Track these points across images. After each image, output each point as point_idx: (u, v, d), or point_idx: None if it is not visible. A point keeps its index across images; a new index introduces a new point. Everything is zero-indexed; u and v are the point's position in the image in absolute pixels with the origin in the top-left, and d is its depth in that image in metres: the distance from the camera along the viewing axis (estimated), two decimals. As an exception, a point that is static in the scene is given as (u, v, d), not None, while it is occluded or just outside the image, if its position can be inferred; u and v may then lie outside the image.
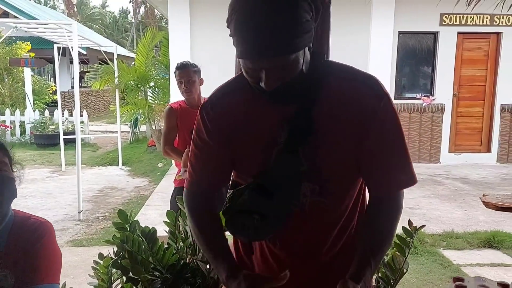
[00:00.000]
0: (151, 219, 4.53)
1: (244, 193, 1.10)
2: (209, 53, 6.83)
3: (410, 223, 1.90)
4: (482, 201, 2.64)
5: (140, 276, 1.48)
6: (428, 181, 6.48)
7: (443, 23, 7.46)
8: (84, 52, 12.72)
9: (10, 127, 10.48)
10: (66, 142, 7.93)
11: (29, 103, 10.95)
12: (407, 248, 1.82)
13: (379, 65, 7.14)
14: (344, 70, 1.10)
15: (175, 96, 6.49)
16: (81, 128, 7.18)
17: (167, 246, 1.66)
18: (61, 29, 6.92)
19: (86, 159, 8.29)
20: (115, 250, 1.65)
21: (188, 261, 1.63)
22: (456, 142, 7.83)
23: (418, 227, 1.87)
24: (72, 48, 5.68)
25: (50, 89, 13.22)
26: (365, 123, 1.05)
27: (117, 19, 41.13)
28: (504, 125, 7.75)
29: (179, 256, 1.63)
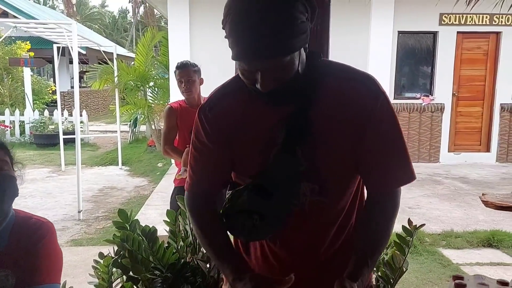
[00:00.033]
0: (151, 218, 4.53)
1: (243, 193, 1.10)
2: (208, 53, 6.82)
3: (410, 222, 1.90)
4: (481, 200, 2.65)
5: (140, 275, 1.48)
6: (427, 180, 6.49)
7: (443, 22, 7.47)
8: (84, 52, 12.72)
9: (10, 127, 10.48)
10: (66, 142, 7.93)
11: (28, 103, 10.94)
12: (407, 247, 1.83)
13: (378, 64, 7.14)
14: (341, 69, 1.10)
15: (174, 96, 6.49)
16: (80, 128, 7.18)
17: (167, 245, 1.66)
18: (60, 28, 6.92)
19: (85, 159, 8.29)
20: (115, 249, 1.66)
21: (188, 260, 1.64)
22: (455, 141, 7.84)
23: (418, 226, 1.88)
24: (72, 48, 5.68)
25: (50, 89, 13.22)
26: (362, 122, 1.06)
27: (116, 19, 41.11)
28: (503, 124, 7.75)
29: (179, 255, 1.64)
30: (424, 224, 1.94)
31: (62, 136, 7.73)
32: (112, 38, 31.61)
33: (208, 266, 1.60)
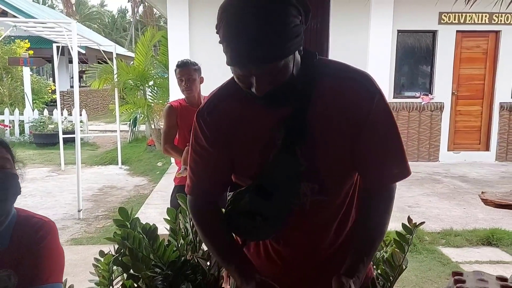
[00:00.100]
0: (151, 217, 4.53)
1: (245, 196, 1.12)
2: (208, 52, 6.79)
3: (409, 220, 1.90)
4: (481, 198, 2.65)
5: (140, 273, 1.48)
6: (427, 179, 6.50)
7: (442, 21, 7.47)
8: (83, 51, 12.70)
9: (9, 127, 10.48)
10: (65, 141, 7.93)
11: (28, 102, 10.94)
12: (407, 245, 1.83)
13: (378, 63, 7.15)
14: (337, 68, 1.11)
15: (174, 95, 6.48)
16: (80, 127, 7.18)
17: (168, 243, 1.67)
18: (60, 28, 6.92)
19: (85, 158, 8.28)
20: (116, 248, 1.66)
21: (189, 258, 1.64)
22: (455, 140, 7.84)
23: (418, 224, 1.88)
24: (71, 47, 5.68)
25: (49, 88, 13.22)
26: (359, 120, 1.07)
27: (115, 19, 41.08)
28: (503, 123, 7.76)
29: (180, 253, 1.64)
30: (423, 222, 1.94)
31: (61, 136, 7.74)
32: (111, 37, 31.58)
33: (208, 264, 1.61)
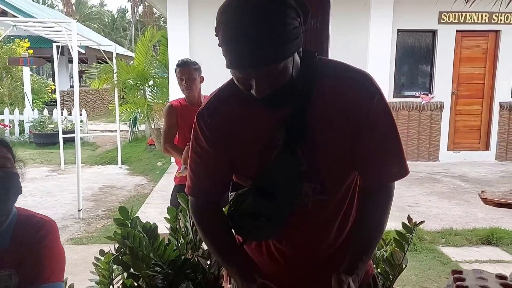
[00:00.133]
0: (151, 217, 4.51)
1: (248, 197, 1.12)
2: (208, 51, 6.79)
3: (409, 219, 1.91)
4: (480, 197, 2.65)
5: (141, 272, 1.48)
6: (427, 179, 6.50)
7: (442, 21, 7.48)
8: (83, 51, 12.70)
9: (9, 126, 10.48)
10: (65, 141, 7.94)
11: (28, 102, 10.94)
12: (406, 244, 1.83)
13: (378, 63, 7.15)
14: (337, 68, 1.11)
15: (174, 95, 6.49)
16: (80, 127, 7.18)
17: (168, 242, 1.67)
18: (60, 27, 6.91)
19: (85, 158, 8.28)
20: (116, 247, 1.66)
21: (189, 257, 1.64)
22: (455, 140, 7.85)
23: (418, 223, 1.88)
24: (71, 47, 5.68)
25: (49, 88, 13.22)
26: (359, 120, 1.07)
27: (115, 18, 41.06)
28: (502, 123, 7.76)
29: (180, 252, 1.64)
30: (423, 221, 1.94)
31: (61, 135, 7.74)
32: (111, 37, 31.57)
33: (208, 262, 1.61)
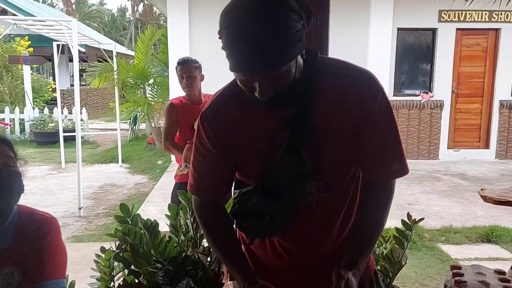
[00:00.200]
0: (151, 215, 4.49)
1: (253, 197, 1.13)
2: (208, 50, 6.79)
3: (409, 216, 1.92)
4: (480, 195, 2.66)
5: (142, 269, 1.49)
6: (427, 177, 6.50)
7: (442, 19, 7.47)
8: (83, 50, 12.70)
9: (10, 125, 10.49)
10: (66, 139, 7.94)
11: (28, 100, 10.95)
12: (406, 241, 1.85)
13: (378, 61, 7.14)
14: (339, 67, 1.12)
15: (174, 94, 6.49)
16: (80, 125, 7.19)
17: (169, 239, 1.68)
18: (60, 26, 6.91)
19: (85, 156, 8.29)
20: (117, 245, 1.67)
21: (189, 253, 1.65)
22: (455, 138, 7.85)
23: (417, 220, 1.89)
24: (72, 45, 5.68)
25: (50, 86, 13.22)
26: (362, 119, 1.08)
27: (115, 17, 41.02)
28: (502, 121, 7.77)
29: (180, 249, 1.65)
30: (423, 218, 1.95)
31: (62, 134, 7.74)
32: (111, 36, 31.53)
33: (209, 259, 1.62)
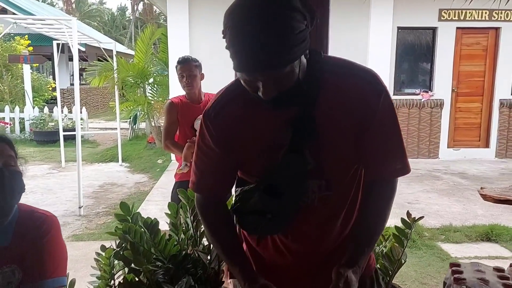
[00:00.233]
0: (152, 214, 4.50)
1: (254, 195, 1.14)
2: (208, 49, 6.81)
3: (408, 214, 1.92)
4: (480, 193, 2.66)
5: (142, 267, 1.49)
6: (427, 176, 6.51)
7: (442, 18, 7.47)
8: (83, 49, 12.70)
9: (10, 124, 10.49)
10: (66, 138, 7.94)
11: (28, 100, 10.94)
12: (406, 239, 1.85)
13: (378, 60, 7.14)
14: (342, 66, 1.12)
15: (174, 93, 6.48)
16: (80, 125, 7.19)
17: (169, 237, 1.68)
18: (60, 25, 6.91)
19: (86, 155, 8.29)
20: (117, 243, 1.67)
21: (189, 252, 1.65)
22: (455, 137, 7.85)
23: (417, 219, 1.89)
24: (72, 44, 5.68)
25: (50, 86, 13.21)
26: (365, 118, 1.08)
27: (115, 16, 41.00)
28: (502, 120, 7.77)
29: (181, 247, 1.65)
30: (422, 217, 1.95)
31: (62, 133, 7.75)
32: (110, 35, 31.51)
33: (209, 258, 1.62)
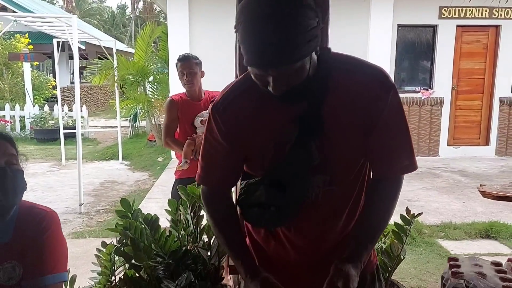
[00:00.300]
0: (152, 211, 4.45)
1: (260, 187, 1.15)
2: (208, 47, 6.82)
3: (407, 211, 1.93)
4: (479, 190, 2.66)
5: (142, 263, 1.51)
6: (426, 173, 6.51)
7: (442, 16, 7.46)
8: (83, 47, 12.68)
9: (10, 122, 10.49)
10: (66, 137, 7.95)
11: (28, 98, 10.95)
12: (405, 235, 1.86)
13: (378, 58, 7.12)
14: (351, 63, 1.13)
15: (174, 91, 6.48)
16: (80, 123, 7.19)
17: (169, 233, 1.69)
18: (60, 23, 6.91)
19: (86, 153, 8.30)
20: (117, 240, 1.68)
21: (190, 248, 1.67)
22: (455, 135, 7.85)
23: (416, 215, 1.91)
24: (72, 42, 5.68)
25: (50, 84, 13.22)
26: (374, 114, 1.09)
27: (115, 14, 40.96)
28: (502, 118, 7.77)
29: (181, 243, 1.66)
30: (421, 213, 1.97)
31: (62, 131, 7.76)
32: (111, 33, 31.49)
33: (209, 254, 1.63)
